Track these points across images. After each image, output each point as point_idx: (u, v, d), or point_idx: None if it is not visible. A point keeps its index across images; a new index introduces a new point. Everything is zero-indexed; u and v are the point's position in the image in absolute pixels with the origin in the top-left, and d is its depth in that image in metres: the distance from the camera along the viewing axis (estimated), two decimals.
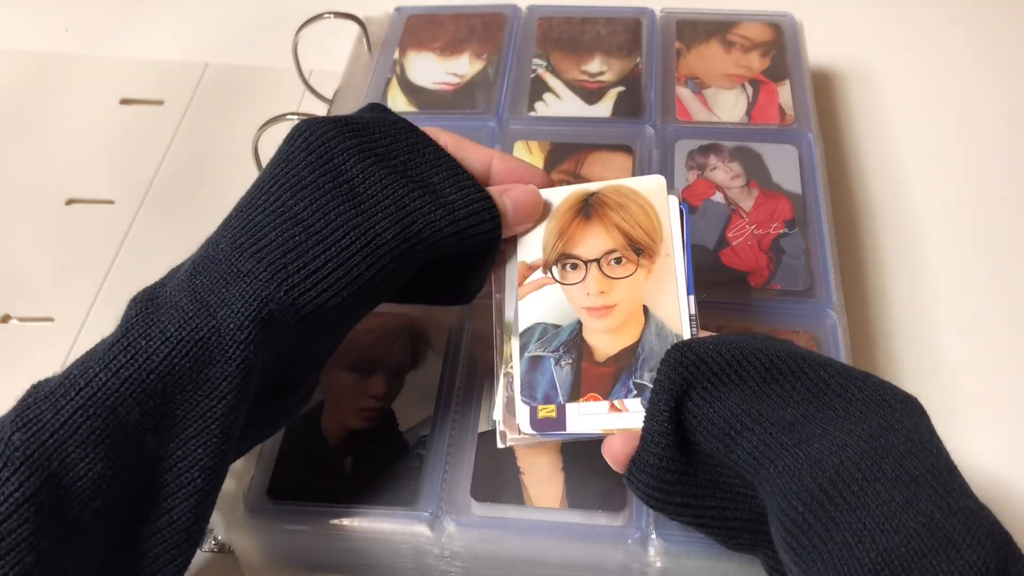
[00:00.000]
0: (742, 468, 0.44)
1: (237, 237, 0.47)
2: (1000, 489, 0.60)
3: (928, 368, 0.67)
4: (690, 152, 0.72)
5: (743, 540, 0.48)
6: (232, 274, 0.46)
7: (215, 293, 0.45)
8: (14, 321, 0.75)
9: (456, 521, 0.54)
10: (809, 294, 0.63)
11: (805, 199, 0.68)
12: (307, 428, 0.58)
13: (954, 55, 0.90)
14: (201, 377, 0.44)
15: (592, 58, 0.79)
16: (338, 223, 0.47)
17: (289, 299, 0.45)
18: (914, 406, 0.44)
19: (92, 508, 0.41)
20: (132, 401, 0.42)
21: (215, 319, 0.44)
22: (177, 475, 0.44)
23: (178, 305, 0.45)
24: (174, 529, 0.44)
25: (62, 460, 0.40)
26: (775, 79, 0.77)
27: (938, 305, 0.71)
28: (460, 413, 0.58)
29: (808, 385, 0.45)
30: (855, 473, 0.40)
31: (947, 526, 0.38)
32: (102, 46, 0.96)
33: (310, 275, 0.46)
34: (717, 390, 0.46)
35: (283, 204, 0.48)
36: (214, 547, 0.59)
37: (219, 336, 0.44)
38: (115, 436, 0.42)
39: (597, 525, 0.53)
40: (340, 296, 0.47)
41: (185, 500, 0.44)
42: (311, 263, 0.46)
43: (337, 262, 0.47)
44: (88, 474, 0.41)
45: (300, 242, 0.47)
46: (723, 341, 0.47)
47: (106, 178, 0.84)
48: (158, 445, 0.43)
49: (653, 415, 0.46)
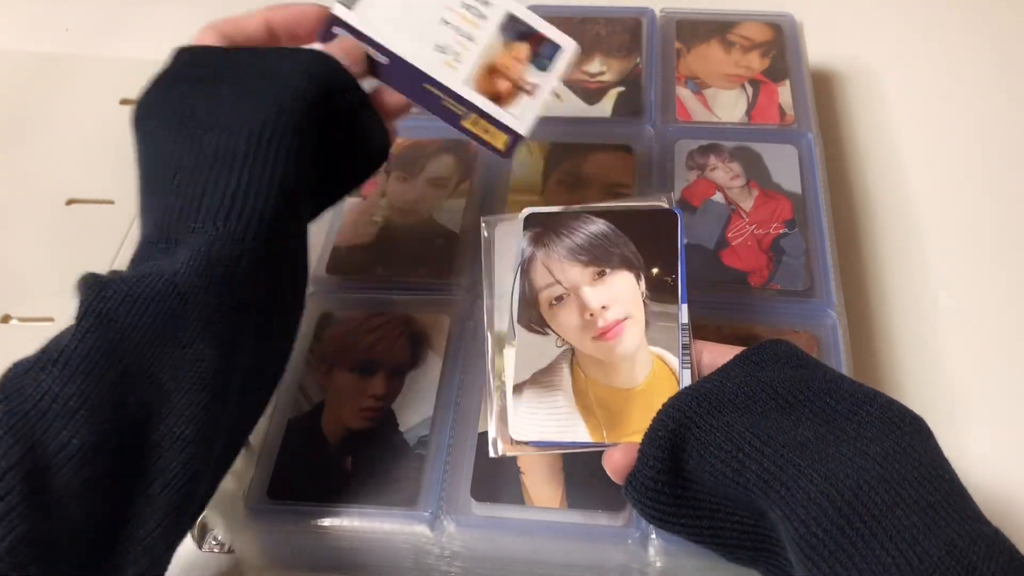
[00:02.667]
0: (752, 492, 0.44)
1: (148, 219, 0.50)
2: (999, 487, 0.60)
3: (928, 367, 0.67)
4: (690, 152, 0.72)
5: (742, 556, 0.47)
6: (181, 231, 0.47)
7: (166, 254, 0.46)
8: (14, 321, 0.74)
9: (456, 521, 0.54)
10: (809, 294, 0.63)
11: (805, 199, 0.68)
12: (307, 428, 0.58)
13: (954, 55, 0.90)
14: (167, 330, 0.44)
15: (592, 58, 0.79)
16: (218, 151, 0.48)
17: (228, 230, 0.46)
18: (921, 428, 0.44)
19: (82, 477, 0.40)
20: (105, 363, 0.42)
21: (167, 272, 0.45)
22: (166, 432, 0.44)
23: (132, 273, 0.46)
24: (170, 492, 0.43)
25: (45, 429, 0.40)
26: (775, 79, 0.77)
27: (938, 304, 0.71)
28: (460, 413, 0.58)
29: (815, 411, 0.45)
30: (874, 497, 0.40)
31: (971, 553, 0.38)
32: (102, 46, 0.96)
33: (232, 200, 0.47)
34: (724, 416, 0.45)
35: (165, 164, 0.49)
36: (214, 547, 0.59)
37: (175, 286, 0.44)
38: (94, 400, 0.42)
39: (597, 525, 0.54)
40: (261, 198, 0.47)
41: (177, 455, 0.44)
42: (224, 190, 0.47)
43: (239, 174, 0.47)
44: (72, 441, 0.40)
45: (200, 183, 0.47)
46: (727, 375, 0.47)
47: (106, 178, 0.84)
48: (140, 406, 0.43)
49: (651, 438, 0.46)
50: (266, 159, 0.48)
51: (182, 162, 0.48)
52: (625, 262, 0.53)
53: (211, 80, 0.51)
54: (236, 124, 0.48)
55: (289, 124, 0.49)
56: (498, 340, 0.53)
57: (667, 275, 0.52)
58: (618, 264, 0.53)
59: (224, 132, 0.48)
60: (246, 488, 0.56)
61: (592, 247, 0.54)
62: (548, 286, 0.53)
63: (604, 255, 0.53)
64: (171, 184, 0.48)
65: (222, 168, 0.47)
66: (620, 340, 0.51)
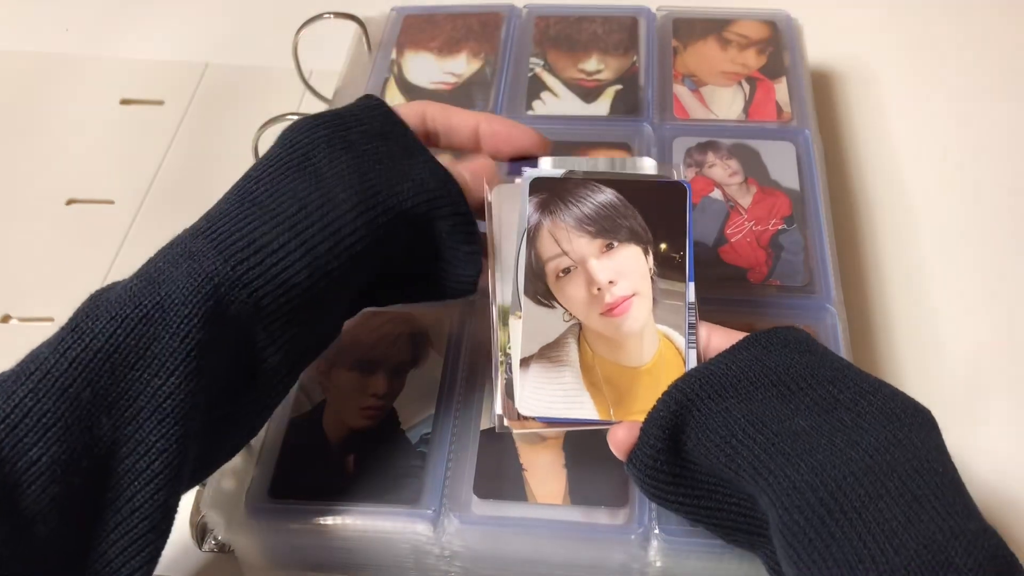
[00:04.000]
0: (743, 479, 0.44)
1: (197, 225, 0.47)
2: (999, 482, 0.61)
3: (926, 362, 0.68)
4: (688, 149, 0.72)
5: (740, 539, 0.48)
6: (182, 255, 0.45)
7: (164, 272, 0.45)
8: (14, 321, 0.75)
9: (459, 518, 0.54)
10: (808, 290, 0.63)
11: (803, 195, 0.68)
12: (309, 427, 0.58)
13: (951, 52, 0.90)
14: (148, 354, 0.43)
15: (589, 56, 0.79)
16: (294, 199, 0.47)
17: (236, 274, 0.45)
18: (925, 420, 0.44)
19: (50, 495, 0.40)
20: (82, 381, 0.42)
21: (159, 295, 0.44)
22: (135, 460, 0.43)
23: (127, 287, 0.45)
24: (137, 518, 0.43)
25: (14, 445, 0.40)
26: (772, 76, 0.77)
27: (936, 300, 0.71)
28: (462, 410, 0.58)
29: (816, 399, 0.45)
30: (857, 488, 0.40)
31: (949, 548, 0.38)
32: (102, 46, 0.96)
33: (259, 249, 0.46)
34: (725, 401, 0.46)
35: (246, 191, 0.48)
36: (214, 547, 0.59)
37: (163, 312, 0.43)
38: (67, 418, 0.41)
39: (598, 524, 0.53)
40: (293, 269, 0.46)
41: (145, 486, 0.43)
42: (260, 238, 0.46)
43: (289, 235, 0.46)
44: (42, 458, 0.40)
45: (251, 220, 0.46)
46: (734, 358, 0.47)
47: (106, 178, 0.84)
48: (113, 429, 0.42)
49: (653, 418, 0.46)
50: (332, 248, 0.47)
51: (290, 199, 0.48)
52: (633, 235, 0.53)
53: (367, 142, 0.51)
54: (340, 197, 0.48)
55: (380, 233, 0.48)
56: (502, 313, 0.52)
57: (674, 251, 0.52)
58: (626, 237, 0.53)
59: (324, 198, 0.48)
60: (247, 488, 0.56)
61: (600, 218, 0.53)
62: (555, 257, 0.52)
63: (612, 227, 0.53)
64: (246, 208, 0.47)
65: (290, 223, 0.47)
66: (627, 317, 0.51)
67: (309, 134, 0.50)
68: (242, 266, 0.45)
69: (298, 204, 0.47)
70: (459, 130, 0.54)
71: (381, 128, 0.51)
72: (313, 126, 0.50)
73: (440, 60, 0.80)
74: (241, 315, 0.46)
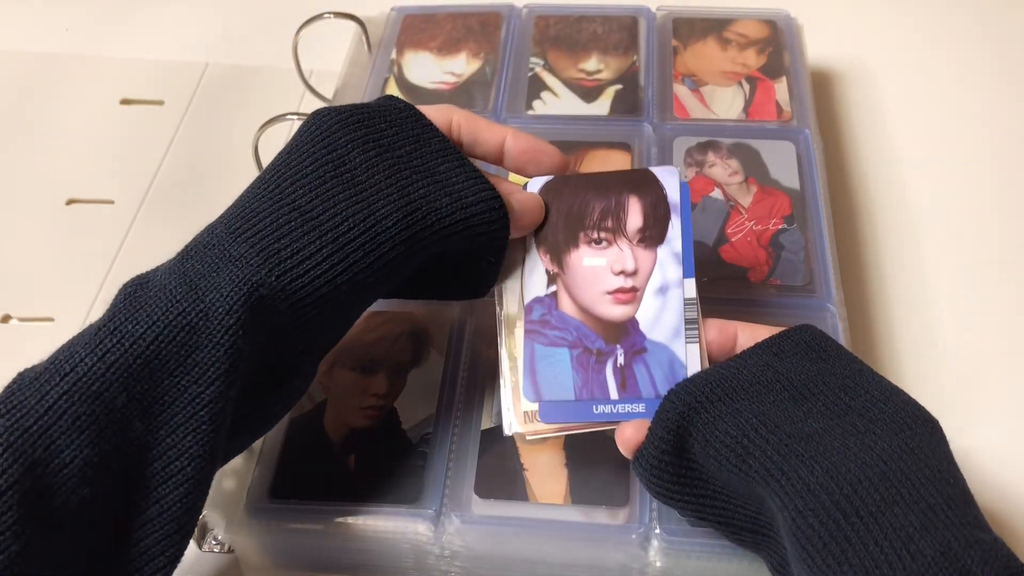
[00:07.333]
0: (753, 479, 0.44)
1: (232, 223, 0.47)
2: (1000, 480, 0.61)
3: (927, 361, 0.68)
4: (688, 149, 0.72)
5: (744, 538, 0.48)
6: (224, 258, 0.45)
7: (205, 277, 0.45)
8: (14, 321, 0.75)
9: (460, 518, 0.54)
10: (809, 289, 0.63)
11: (804, 195, 0.68)
12: (310, 427, 0.58)
13: (952, 52, 0.90)
14: (189, 362, 0.43)
15: (589, 56, 0.79)
16: (337, 210, 0.47)
17: (280, 284, 0.45)
18: (934, 430, 0.44)
19: (79, 496, 0.40)
20: (119, 386, 0.41)
21: (203, 303, 0.44)
22: (167, 463, 0.43)
23: (167, 288, 0.44)
24: (165, 519, 0.43)
25: (47, 447, 0.39)
26: (772, 76, 0.77)
27: (937, 299, 0.71)
28: (463, 410, 0.58)
29: (828, 404, 0.45)
30: (873, 493, 0.40)
31: (965, 557, 0.38)
32: (102, 46, 0.96)
33: (303, 260, 0.46)
34: (735, 403, 0.46)
35: (282, 192, 0.48)
36: (214, 547, 0.59)
37: (207, 321, 0.43)
38: (101, 422, 0.41)
39: (597, 524, 0.54)
40: (334, 283, 0.46)
41: (175, 489, 0.43)
42: (305, 248, 0.46)
43: (333, 248, 0.46)
44: (74, 461, 0.40)
45: (295, 227, 0.46)
46: (745, 362, 0.47)
47: (106, 178, 0.84)
48: (146, 432, 0.42)
49: (660, 418, 0.47)
50: (372, 263, 0.47)
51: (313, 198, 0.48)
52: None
53: (400, 146, 0.50)
54: (382, 213, 0.48)
55: (411, 246, 0.48)
56: (508, 321, 0.53)
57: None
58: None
59: (367, 212, 0.48)
60: (247, 488, 0.56)
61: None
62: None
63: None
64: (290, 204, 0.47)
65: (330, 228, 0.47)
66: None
67: (342, 133, 0.49)
68: (286, 276, 0.45)
69: (341, 216, 0.47)
70: (485, 143, 0.54)
71: (412, 131, 0.51)
72: (341, 123, 0.50)
73: (440, 60, 0.80)
74: (280, 323, 0.46)
